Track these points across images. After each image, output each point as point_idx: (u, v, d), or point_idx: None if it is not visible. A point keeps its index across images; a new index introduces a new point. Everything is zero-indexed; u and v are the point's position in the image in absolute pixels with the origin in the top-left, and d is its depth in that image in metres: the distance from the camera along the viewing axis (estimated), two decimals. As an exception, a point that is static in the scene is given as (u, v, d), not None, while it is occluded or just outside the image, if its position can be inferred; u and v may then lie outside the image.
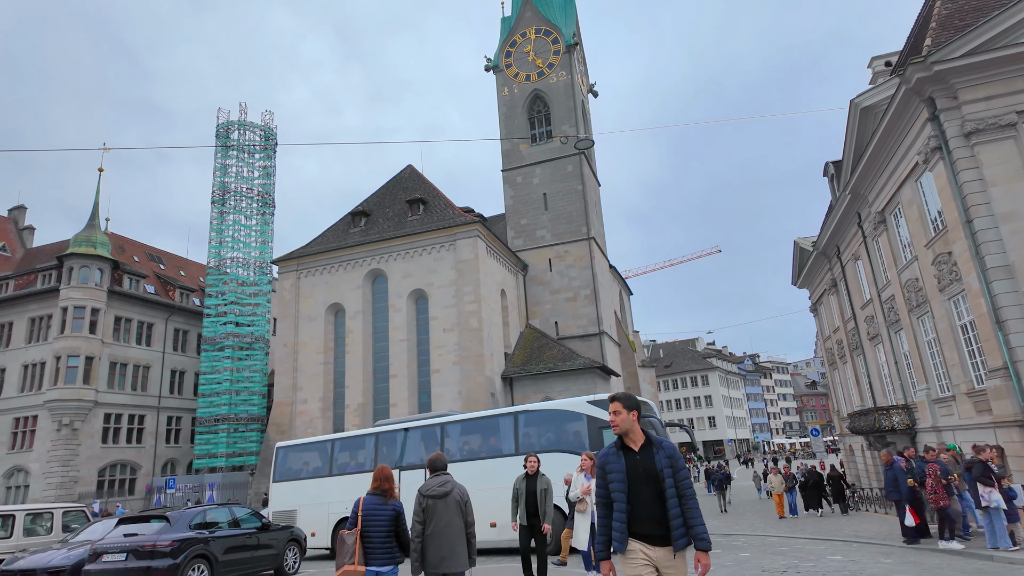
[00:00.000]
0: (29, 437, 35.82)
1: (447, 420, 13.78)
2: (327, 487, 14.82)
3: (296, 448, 16.79)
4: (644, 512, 3.71)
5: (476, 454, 12.88)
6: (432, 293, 33.18)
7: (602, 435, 11.18)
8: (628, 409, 3.91)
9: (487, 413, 13.62)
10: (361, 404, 32.77)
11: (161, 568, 8.82)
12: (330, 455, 15.51)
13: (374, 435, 15.03)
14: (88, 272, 37.47)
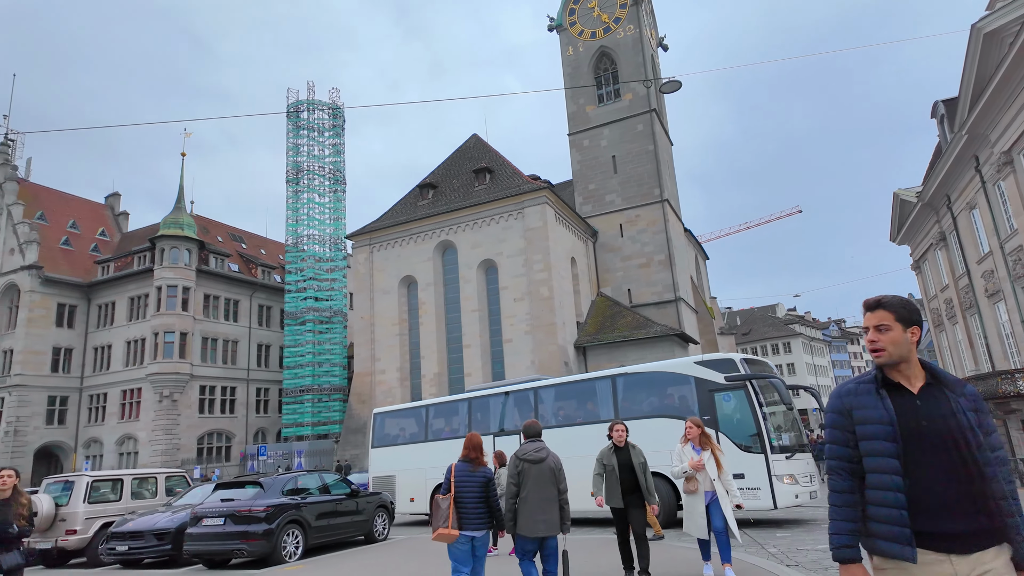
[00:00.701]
0: (135, 408, 38.68)
1: (541, 385, 13.15)
2: (423, 453, 14.60)
3: (392, 414, 16.64)
4: (932, 494, 2.18)
5: (572, 420, 12.23)
6: (501, 263, 32.83)
7: (713, 399, 10.29)
8: (903, 323, 2.39)
9: (582, 377, 12.73)
10: (437, 374, 33.15)
11: (257, 533, 8.95)
12: (425, 421, 15.31)
13: (467, 401, 14.69)
14: (178, 252, 39.57)
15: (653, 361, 13.86)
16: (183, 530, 9.90)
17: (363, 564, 9.12)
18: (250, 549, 8.92)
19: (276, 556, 9.17)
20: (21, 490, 5.85)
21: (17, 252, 40.62)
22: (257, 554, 9.04)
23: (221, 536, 9.04)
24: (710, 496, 6.57)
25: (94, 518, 11.13)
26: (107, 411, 39.54)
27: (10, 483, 5.75)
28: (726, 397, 10.32)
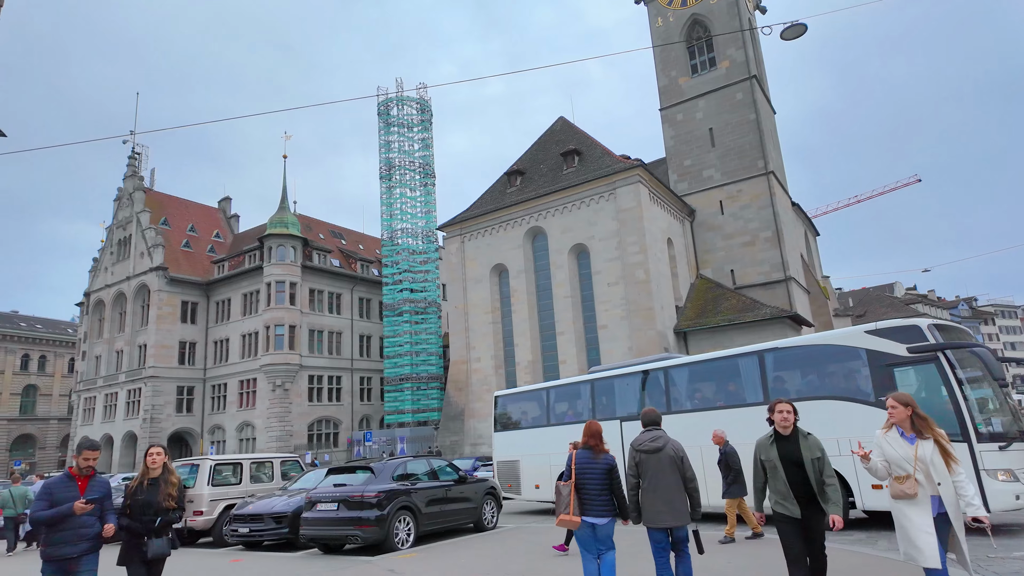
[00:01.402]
0: (251, 397, 41.38)
1: (673, 364, 11.84)
2: (546, 437, 13.74)
3: (513, 397, 15.93)
4: None
5: (710, 403, 10.84)
6: (593, 247, 31.86)
7: (892, 376, 8.57)
8: None
9: (723, 354, 11.22)
10: (531, 361, 32.83)
11: (370, 519, 8.84)
12: (547, 404, 14.44)
13: (589, 383, 13.62)
14: (284, 250, 41.79)
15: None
16: (299, 514, 10.03)
17: (478, 554, 8.76)
18: (363, 535, 8.84)
19: (389, 543, 9.03)
20: (172, 468, 5.41)
21: (146, 255, 44.55)
22: (370, 540, 8.94)
23: (335, 521, 9.03)
24: (937, 505, 4.51)
25: (218, 500, 11.62)
26: (227, 400, 42.60)
27: (159, 460, 5.28)
28: (910, 373, 8.69)
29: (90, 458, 4.89)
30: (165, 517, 5.09)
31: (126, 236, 46.97)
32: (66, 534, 4.66)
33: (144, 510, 5.05)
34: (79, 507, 4.61)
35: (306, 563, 8.78)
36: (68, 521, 4.65)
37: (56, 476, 5.01)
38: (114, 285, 46.37)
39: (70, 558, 4.67)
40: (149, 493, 5.12)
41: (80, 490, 4.81)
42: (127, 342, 44.25)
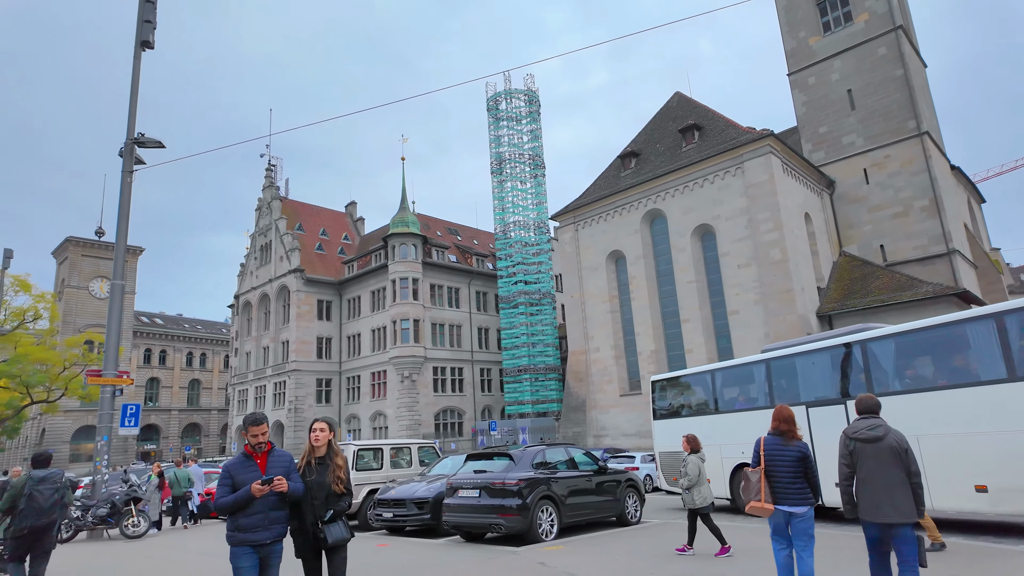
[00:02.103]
0: (382, 388, 43.62)
1: (871, 337, 9.87)
2: (714, 426, 12.44)
3: (672, 382, 14.56)
4: None
5: (929, 382, 8.86)
6: (719, 227, 29.85)
7: None
8: None
9: (941, 320, 9.14)
10: (654, 351, 31.52)
11: (511, 507, 8.57)
12: (712, 389, 13.03)
13: (763, 363, 11.97)
14: (406, 248, 43.55)
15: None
16: (440, 500, 10.02)
17: (629, 551, 8.18)
18: (506, 524, 8.58)
19: (532, 534, 8.71)
20: (337, 448, 4.78)
21: (285, 259, 48.39)
22: (513, 530, 8.67)
23: (477, 509, 8.86)
24: None
25: (362, 484, 12.00)
26: (361, 391, 45.25)
27: (324, 438, 4.69)
28: None
29: (258, 433, 4.39)
30: (336, 506, 4.53)
31: (267, 242, 51.34)
32: (256, 518, 4.22)
33: (315, 493, 4.48)
34: (256, 489, 4.15)
35: (451, 551, 8.69)
36: (255, 504, 4.21)
37: (235, 457, 4.43)
38: (258, 287, 50.88)
39: (263, 544, 4.23)
40: (319, 474, 4.55)
41: (260, 468, 4.32)
42: (272, 339, 48.39)
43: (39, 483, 6.60)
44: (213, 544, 11.14)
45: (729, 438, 11.76)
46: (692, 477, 7.98)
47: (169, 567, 8.69)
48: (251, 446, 4.43)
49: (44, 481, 6.65)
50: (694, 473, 8.02)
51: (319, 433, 4.74)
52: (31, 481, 6.60)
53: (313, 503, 4.46)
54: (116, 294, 12.96)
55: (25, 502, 6.47)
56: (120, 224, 13.23)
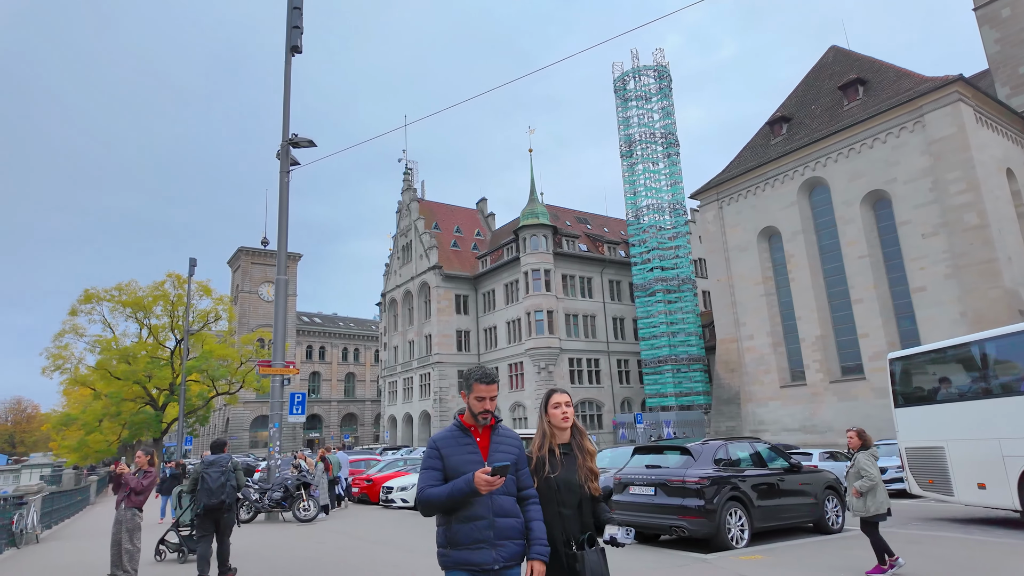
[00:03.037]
0: (520, 379, 43.81)
1: None
2: (990, 414, 9.69)
3: (921, 359, 12.07)
4: None
5: None
6: (895, 192, 25.89)
7: None
8: None
9: None
10: (819, 337, 28.19)
11: (695, 509, 7.49)
12: (982, 365, 10.34)
13: None
14: (537, 240, 43.30)
15: None
16: (609, 494, 9.22)
17: (845, 566, 6.74)
18: (690, 527, 7.50)
19: (721, 539, 7.56)
20: (583, 429, 3.28)
21: (424, 257, 50.37)
22: (698, 534, 7.58)
23: (653, 508, 7.87)
24: None
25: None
26: (499, 382, 45.81)
27: (571, 415, 3.17)
28: None
29: (486, 396, 2.95)
30: (603, 516, 3.04)
31: (407, 242, 53.84)
32: (478, 525, 2.77)
33: (563, 498, 2.98)
34: (482, 480, 2.65)
35: (631, 554, 7.79)
36: (476, 504, 2.77)
37: (445, 429, 3.01)
38: (402, 285, 53.52)
39: (489, 569, 2.75)
40: (566, 468, 3.03)
41: (481, 450, 2.91)
42: (416, 333, 50.66)
43: (208, 467, 7.09)
44: (379, 531, 11.22)
45: (1014, 430, 9.15)
46: (874, 478, 6.39)
47: (342, 554, 8.73)
48: (472, 415, 2.97)
49: (213, 465, 7.11)
50: (877, 473, 6.44)
51: (565, 409, 3.17)
52: (203, 465, 7.15)
53: (561, 513, 2.95)
54: (280, 289, 13.65)
55: (200, 484, 7.02)
56: (280, 221, 13.91)
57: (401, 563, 7.78)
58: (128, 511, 6.28)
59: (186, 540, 8.27)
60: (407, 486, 15.25)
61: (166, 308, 37.93)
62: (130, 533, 6.21)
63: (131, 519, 6.26)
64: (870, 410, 25.71)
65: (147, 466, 6.43)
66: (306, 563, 8.11)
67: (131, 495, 6.24)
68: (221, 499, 6.91)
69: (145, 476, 6.37)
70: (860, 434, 6.82)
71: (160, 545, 8.46)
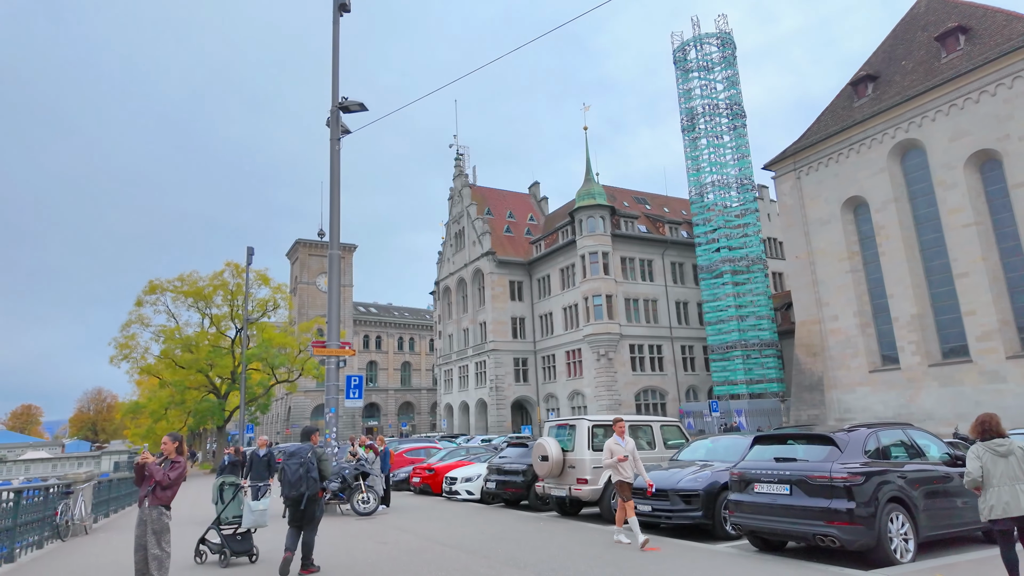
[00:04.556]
0: (578, 367, 42.28)
1: None
2: None
3: None
4: None
5: None
6: (1008, 150, 22.84)
7: None
8: None
9: None
10: (916, 315, 25.43)
11: (845, 512, 5.86)
12: None
13: None
14: (594, 221, 41.48)
15: None
16: (712, 492, 7.71)
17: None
18: (842, 536, 5.89)
19: (882, 552, 5.93)
20: None
21: (477, 243, 49.36)
22: (853, 545, 5.95)
23: (789, 511, 6.29)
24: None
25: (600, 468, 10.10)
26: (556, 370, 44.46)
27: None
28: None
29: None
30: None
31: (460, 229, 52.98)
32: None
33: None
34: None
35: (763, 568, 6.27)
36: None
37: None
38: (455, 273, 52.77)
39: None
40: None
41: None
42: (471, 321, 49.83)
43: (289, 458, 6.93)
44: (448, 530, 10.07)
45: None
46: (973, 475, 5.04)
47: (408, 560, 7.55)
48: None
49: (293, 456, 6.95)
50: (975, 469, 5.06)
51: None
52: (284, 456, 7.02)
53: None
54: (333, 265, 12.68)
55: (281, 476, 6.92)
56: (332, 192, 12.92)
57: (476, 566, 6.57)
58: (154, 509, 5.21)
59: (229, 540, 7.30)
60: (472, 477, 14.13)
61: (226, 297, 38.33)
62: (157, 535, 5.17)
63: (158, 519, 5.20)
64: (979, 396, 22.96)
65: (175, 455, 5.36)
66: (366, 570, 7.00)
67: (156, 490, 5.18)
68: (300, 491, 6.73)
69: (172, 467, 5.26)
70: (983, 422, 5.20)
71: (200, 545, 7.52)
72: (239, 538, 7.41)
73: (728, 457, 8.89)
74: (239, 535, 7.45)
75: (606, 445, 8.00)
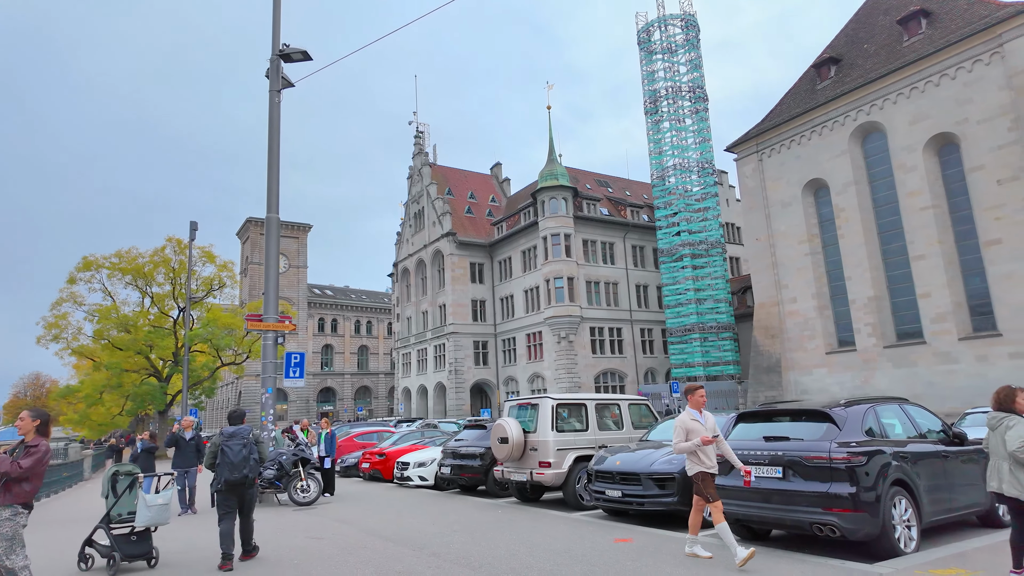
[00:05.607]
0: (539, 349, 41.69)
1: None
2: None
3: None
4: None
5: None
6: (966, 134, 23.02)
7: None
8: None
9: None
10: (872, 298, 25.63)
11: (847, 498, 5.10)
12: None
13: None
14: (556, 203, 40.72)
15: None
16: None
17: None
18: (844, 525, 5.18)
19: (886, 541, 5.25)
20: None
21: (437, 224, 47.99)
22: (856, 534, 5.27)
23: (782, 497, 5.54)
24: None
25: (565, 450, 9.29)
26: (517, 353, 43.79)
27: None
28: None
29: None
30: None
31: (419, 209, 51.43)
32: None
33: None
34: None
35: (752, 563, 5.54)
36: None
37: None
38: (415, 254, 51.28)
39: None
40: None
41: None
42: (430, 303, 48.56)
43: (229, 439, 6.69)
44: (396, 521, 9.10)
45: None
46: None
47: (343, 558, 6.53)
48: None
49: (233, 437, 6.71)
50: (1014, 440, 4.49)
51: None
52: (222, 437, 6.73)
53: None
54: (272, 229, 11.41)
55: (220, 457, 6.59)
56: (271, 147, 11.61)
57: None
58: (5, 508, 4.01)
59: (120, 541, 6.11)
60: (425, 461, 13.16)
61: (168, 275, 36.06)
62: (7, 544, 3.95)
63: (7, 521, 4.00)
64: (932, 377, 23.32)
65: (33, 435, 4.14)
66: (287, 572, 5.98)
67: (8, 484, 3.96)
68: (244, 473, 6.51)
69: (26, 454, 3.98)
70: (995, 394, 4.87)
71: (86, 548, 6.30)
72: (134, 539, 6.27)
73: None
74: (134, 535, 6.27)
75: (679, 422, 5.86)
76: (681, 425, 5.84)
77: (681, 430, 5.82)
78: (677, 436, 5.83)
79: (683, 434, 5.79)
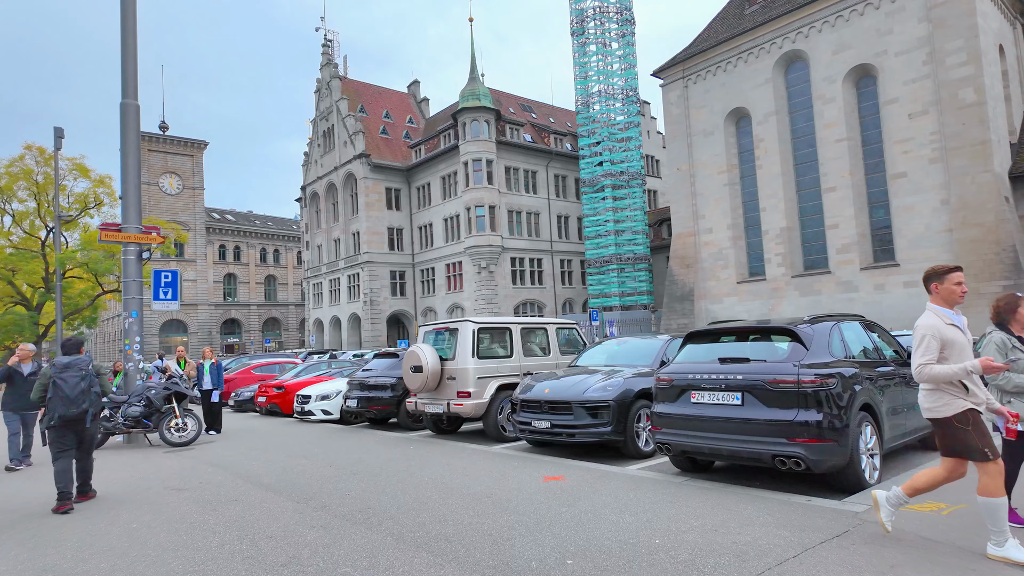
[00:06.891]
0: (459, 280, 40.59)
1: None
2: None
3: None
4: None
5: None
6: (884, 66, 23.23)
7: None
8: None
9: None
10: (784, 229, 26.24)
11: (814, 426, 4.46)
12: None
13: None
14: (478, 125, 38.60)
15: None
16: (625, 403, 6.24)
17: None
18: (810, 457, 4.51)
19: (853, 473, 4.66)
20: None
21: (349, 144, 44.51)
22: (823, 466, 4.64)
23: (742, 427, 4.82)
24: None
25: (487, 378, 8.33)
26: (436, 283, 42.47)
27: None
28: None
29: None
30: None
31: (329, 127, 47.44)
32: None
33: None
34: None
35: (708, 501, 4.79)
36: None
37: None
38: (324, 176, 47.69)
39: None
40: None
41: None
42: (342, 230, 45.74)
43: (63, 370, 6.02)
44: (283, 464, 7.88)
45: None
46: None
47: (198, 516, 5.27)
48: None
49: (68, 368, 6.04)
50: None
51: None
52: (55, 369, 6.05)
53: None
54: (129, 116, 9.21)
55: (52, 391, 5.93)
56: (125, 15, 9.22)
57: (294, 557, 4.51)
58: None
59: None
60: (330, 394, 11.89)
61: (31, 191, 31.27)
62: None
63: None
64: (833, 304, 24.43)
65: None
66: (120, 541, 4.67)
67: None
68: (83, 408, 5.85)
69: None
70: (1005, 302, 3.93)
71: None
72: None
73: (637, 361, 7.47)
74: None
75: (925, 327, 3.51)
76: (932, 333, 3.47)
77: (933, 342, 3.46)
78: (924, 351, 3.46)
79: (936, 349, 3.46)
